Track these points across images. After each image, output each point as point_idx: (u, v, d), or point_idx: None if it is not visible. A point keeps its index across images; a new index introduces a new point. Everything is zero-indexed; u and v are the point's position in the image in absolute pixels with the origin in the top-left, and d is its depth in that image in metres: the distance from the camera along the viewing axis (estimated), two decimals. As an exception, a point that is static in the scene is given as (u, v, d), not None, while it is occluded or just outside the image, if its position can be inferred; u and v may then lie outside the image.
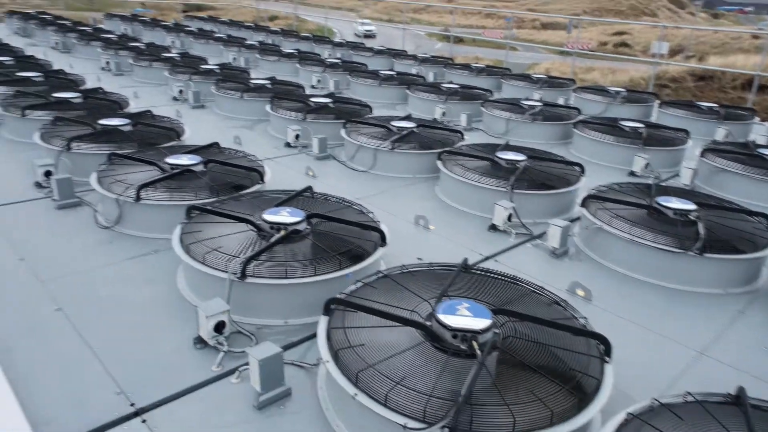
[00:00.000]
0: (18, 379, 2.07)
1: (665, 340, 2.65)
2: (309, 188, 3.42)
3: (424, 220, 3.72)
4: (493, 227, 3.68)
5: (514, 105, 6.35)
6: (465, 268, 2.57)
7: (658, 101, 7.68)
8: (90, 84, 6.50)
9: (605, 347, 2.07)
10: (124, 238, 3.31)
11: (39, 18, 11.90)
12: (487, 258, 3.34)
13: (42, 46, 9.88)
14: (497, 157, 4.20)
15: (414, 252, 3.29)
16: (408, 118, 5.36)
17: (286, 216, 2.89)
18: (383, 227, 2.97)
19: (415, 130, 4.96)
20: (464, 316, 2.06)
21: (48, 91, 5.51)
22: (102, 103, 5.39)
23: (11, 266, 2.93)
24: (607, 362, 2.03)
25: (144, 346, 2.36)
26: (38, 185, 3.94)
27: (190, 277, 2.78)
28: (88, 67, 8.23)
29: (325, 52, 10.90)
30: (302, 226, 2.87)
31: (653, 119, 7.18)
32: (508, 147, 4.53)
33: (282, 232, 2.79)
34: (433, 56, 10.54)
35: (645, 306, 2.94)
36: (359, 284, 2.44)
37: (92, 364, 2.22)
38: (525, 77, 8.70)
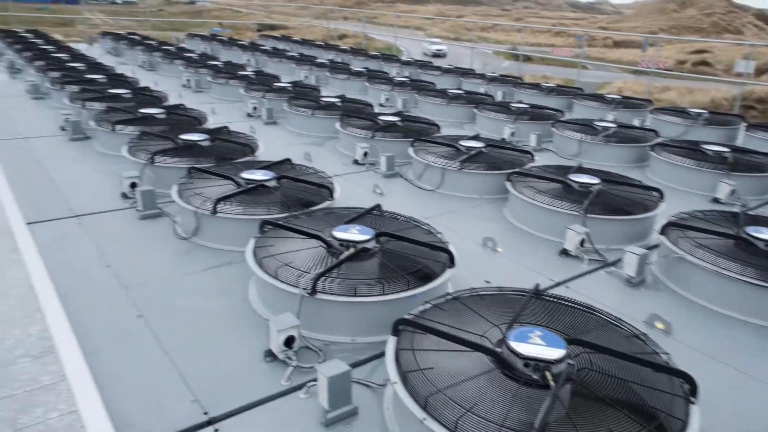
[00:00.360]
0: (104, 381, 2.19)
1: (756, 382, 2.46)
2: (378, 206, 3.44)
3: (492, 242, 3.66)
4: (565, 252, 3.56)
5: (586, 126, 6.17)
6: (537, 293, 2.50)
7: (744, 124, 7.24)
8: (172, 100, 6.88)
9: (690, 386, 1.94)
10: (201, 250, 3.45)
11: (128, 38, 12.78)
12: (558, 284, 3.23)
13: (130, 65, 10.59)
14: (570, 179, 4.08)
15: (482, 274, 3.24)
16: (476, 137, 5.32)
17: (355, 234, 2.92)
18: (451, 248, 2.94)
19: (483, 150, 4.91)
20: (537, 345, 2.00)
21: (135, 107, 5.88)
22: (183, 118, 5.69)
23: (99, 272, 3.11)
24: (692, 403, 1.90)
25: (217, 355, 2.44)
26: (124, 196, 4.18)
27: (261, 290, 2.86)
28: (171, 84, 8.72)
29: (393, 71, 11.05)
30: (371, 245, 2.89)
31: (739, 143, 6.77)
32: (581, 169, 4.40)
33: (351, 250, 2.82)
34: (501, 75, 10.45)
35: (732, 343, 2.74)
36: (428, 305, 2.42)
37: (170, 370, 2.32)
38: (598, 97, 8.45)
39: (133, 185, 4.15)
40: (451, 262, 2.86)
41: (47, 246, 3.34)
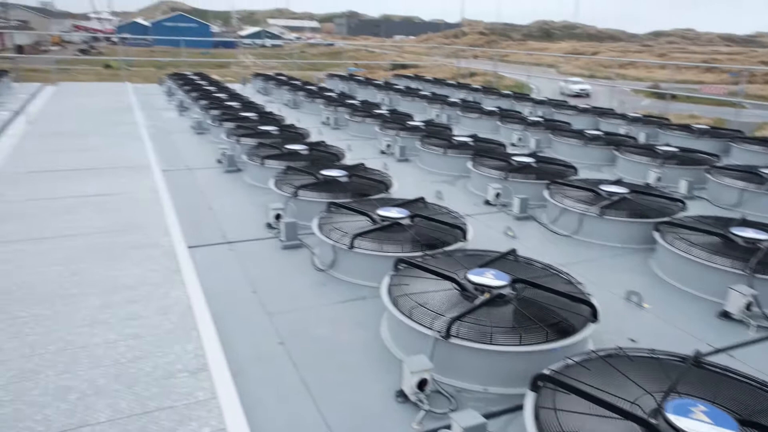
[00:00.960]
0: (249, 402, 2.33)
1: None
2: (513, 251, 3.35)
3: (638, 297, 3.38)
4: (726, 315, 3.18)
5: (749, 173, 5.54)
6: (697, 361, 2.24)
7: None
8: (314, 137, 7.35)
9: None
10: (337, 282, 3.59)
11: (276, 79, 13.98)
12: (718, 351, 2.88)
13: (277, 103, 11.55)
14: (732, 233, 3.67)
15: (626, 332, 2.99)
16: (619, 182, 5.01)
17: (491, 278, 2.86)
18: (594, 301, 2.76)
19: (627, 195, 4.61)
20: (701, 422, 1.79)
21: (282, 143, 6.36)
22: (323, 154, 6.04)
23: (246, 297, 3.35)
24: None
25: (350, 389, 2.49)
26: (269, 226, 4.50)
27: (393, 328, 2.88)
28: (312, 122, 9.34)
29: (525, 110, 10.88)
30: (507, 291, 2.81)
31: None
32: (745, 222, 3.94)
33: (486, 295, 2.76)
34: (645, 115, 9.82)
35: None
36: (568, 361, 2.28)
37: (306, 399, 2.40)
38: (762, 141, 7.59)
39: (278, 217, 4.46)
40: (594, 316, 2.68)
41: (204, 269, 3.67)
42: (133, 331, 2.84)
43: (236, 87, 13.85)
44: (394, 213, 3.92)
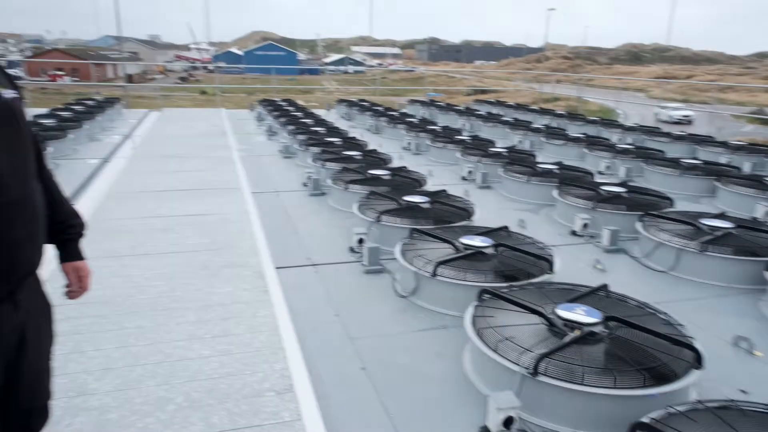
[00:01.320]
0: (332, 426, 2.36)
1: None
2: (604, 286, 3.20)
3: (748, 344, 3.10)
4: None
5: None
6: (821, 421, 2.02)
7: None
8: (395, 162, 7.45)
9: None
10: (418, 310, 3.58)
11: (359, 105, 14.36)
12: (843, 409, 2.58)
13: (360, 128, 11.84)
14: None
15: (734, 381, 2.75)
16: (722, 216, 4.67)
17: (581, 314, 2.74)
18: (698, 345, 2.56)
19: (732, 230, 4.28)
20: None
21: (364, 168, 6.49)
22: (405, 180, 6.10)
23: (329, 321, 3.42)
24: None
25: (432, 422, 2.46)
26: (352, 250, 4.58)
27: (477, 360, 2.82)
28: (394, 147, 9.48)
29: (614, 137, 10.46)
30: (599, 329, 2.68)
31: None
32: None
33: (577, 332, 2.65)
34: (749, 143, 9.14)
35: None
36: (670, 410, 2.13)
37: (388, 429, 2.40)
38: None
39: (361, 241, 4.53)
40: (698, 361, 2.49)
41: (290, 290, 3.79)
42: (225, 347, 2.97)
43: (321, 112, 14.36)
44: (477, 241, 3.87)
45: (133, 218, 5.24)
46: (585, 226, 5.05)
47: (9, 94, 1.41)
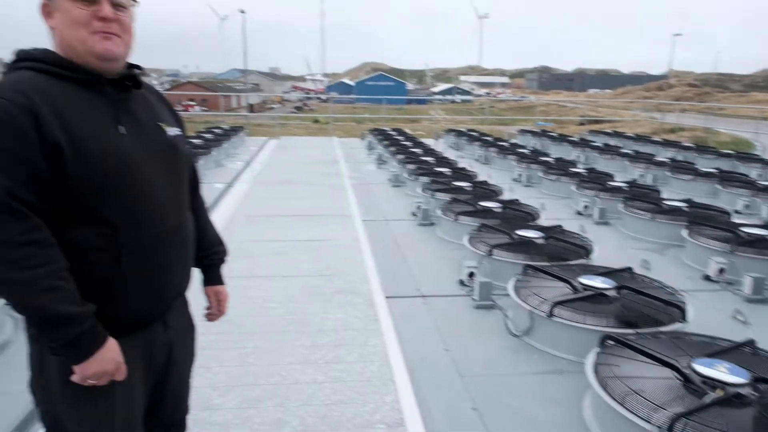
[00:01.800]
0: (443, 468, 2.29)
1: None
2: (751, 342, 2.86)
3: None
4: None
5: None
6: None
7: None
8: (506, 194, 7.29)
9: None
10: (531, 350, 3.42)
11: (468, 134, 14.33)
12: None
13: (468, 158, 11.78)
14: None
15: None
16: None
17: (723, 372, 2.46)
18: None
19: None
20: None
21: (474, 200, 6.42)
22: (518, 213, 5.93)
23: (439, 355, 3.36)
24: None
25: (550, 476, 2.30)
26: (461, 283, 4.51)
27: (601, 413, 2.62)
28: (503, 178, 9.31)
29: (752, 172, 9.49)
30: (747, 391, 2.38)
31: None
32: None
33: (719, 392, 2.37)
34: None
35: None
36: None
37: (503, 477, 2.28)
38: None
39: (471, 275, 4.45)
40: None
41: (400, 320, 3.79)
42: (337, 374, 3.02)
43: (429, 142, 14.50)
44: (597, 282, 3.65)
45: (253, 241, 5.56)
46: (721, 271, 4.58)
47: (173, 132, 1.56)
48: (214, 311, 1.84)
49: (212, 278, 1.81)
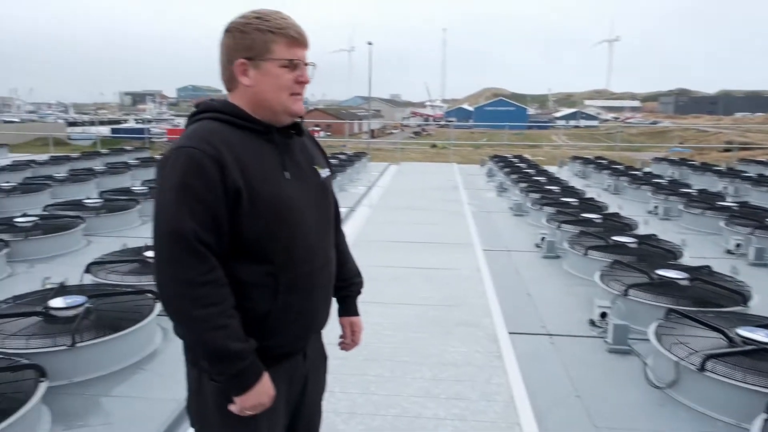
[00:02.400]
0: None
1: None
2: None
3: None
4: None
5: None
6: None
7: None
8: (641, 228, 6.74)
9: None
10: (678, 406, 3.06)
11: (595, 162, 13.56)
12: None
13: (596, 188, 11.10)
14: None
15: None
16: None
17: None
18: None
19: None
20: None
21: (605, 233, 6.00)
22: (656, 250, 5.44)
23: (570, 401, 3.13)
24: None
25: None
26: (592, 323, 4.20)
27: (769, 492, 2.26)
28: (635, 210, 8.63)
29: None
30: None
31: None
32: None
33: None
34: None
35: None
36: None
37: None
38: None
39: (604, 315, 4.13)
40: None
41: (524, 359, 3.60)
42: (459, 412, 2.92)
43: (552, 169, 13.95)
44: (760, 336, 3.19)
45: (374, 266, 5.63)
46: None
47: (325, 173, 1.63)
48: (348, 341, 1.85)
49: (348, 309, 1.84)
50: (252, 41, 1.43)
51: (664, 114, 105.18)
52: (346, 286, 1.82)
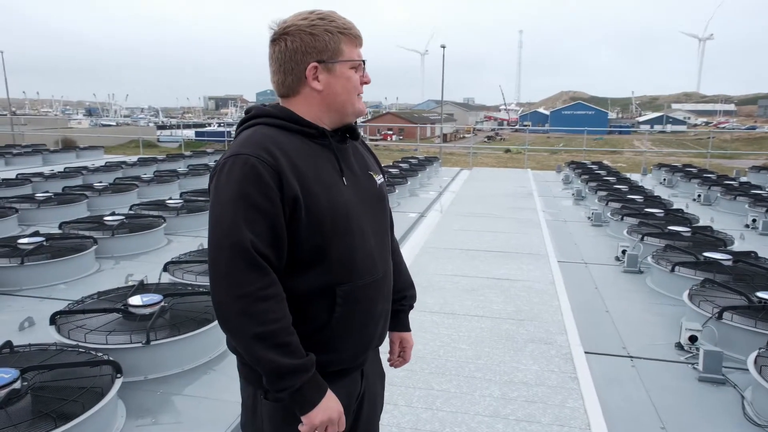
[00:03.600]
0: None
1: None
2: None
3: None
4: None
5: None
6: None
7: None
8: (737, 244, 6.18)
9: None
10: (781, 449, 2.72)
11: (684, 170, 12.67)
12: None
13: (684, 198, 10.36)
14: None
15: None
16: None
17: None
18: None
19: None
20: None
21: (695, 248, 5.54)
22: (756, 270, 4.94)
23: (653, 431, 2.87)
24: None
25: None
26: (679, 347, 3.86)
27: None
28: (731, 223, 7.97)
29: None
30: None
31: None
32: None
33: None
34: None
35: None
36: None
37: None
38: None
39: (693, 339, 3.78)
40: None
41: (602, 382, 3.36)
42: (530, 437, 2.74)
43: (636, 177, 13.20)
44: None
45: (443, 275, 5.51)
46: None
47: (380, 180, 1.55)
48: (395, 358, 1.75)
49: (399, 324, 1.73)
50: (324, 43, 1.37)
51: (763, 118, 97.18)
52: (399, 299, 1.71)
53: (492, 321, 4.30)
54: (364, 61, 1.45)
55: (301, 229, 1.32)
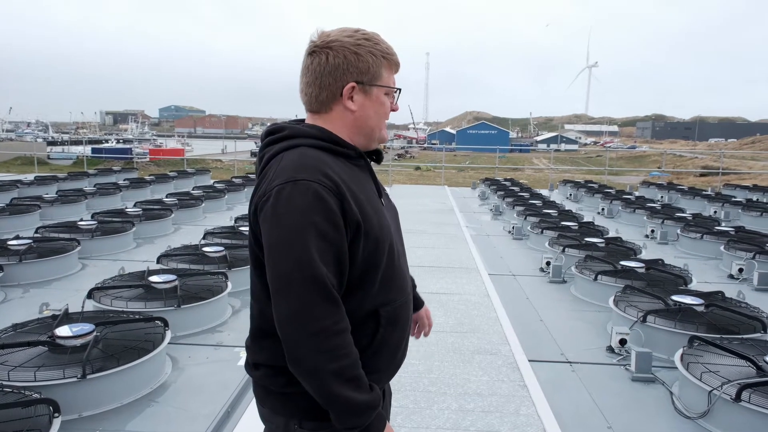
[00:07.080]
0: None
1: None
2: None
3: None
4: None
5: None
6: None
7: None
8: (644, 253, 6.75)
9: None
10: (713, 438, 3.00)
11: (587, 186, 13.69)
12: None
13: (588, 211, 11.18)
14: None
15: None
16: None
17: None
18: None
19: None
20: None
21: (611, 258, 5.99)
22: (665, 276, 5.43)
23: (602, 431, 3.05)
24: None
25: None
26: (611, 350, 4.14)
27: None
28: (632, 234, 8.68)
29: None
30: None
31: None
32: None
33: None
34: None
35: None
36: None
37: None
38: None
39: (623, 342, 4.07)
40: None
41: (549, 388, 3.51)
42: (494, 446, 2.81)
43: (544, 192, 14.04)
44: (790, 363, 3.16)
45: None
46: None
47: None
48: (427, 326, 1.81)
49: (417, 305, 1.76)
50: (367, 65, 1.34)
51: (641, 139, 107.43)
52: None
53: (436, 335, 4.38)
54: (399, 89, 1.44)
55: (358, 253, 1.28)
